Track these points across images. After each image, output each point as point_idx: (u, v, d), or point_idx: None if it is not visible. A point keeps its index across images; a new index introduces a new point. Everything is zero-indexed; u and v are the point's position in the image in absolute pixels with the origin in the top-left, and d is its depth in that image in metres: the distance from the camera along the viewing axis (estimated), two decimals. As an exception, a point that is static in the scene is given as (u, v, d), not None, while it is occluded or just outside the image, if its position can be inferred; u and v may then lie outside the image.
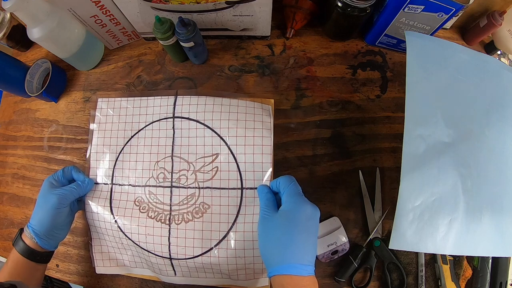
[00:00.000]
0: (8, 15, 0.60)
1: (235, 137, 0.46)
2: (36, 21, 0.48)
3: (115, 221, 0.46)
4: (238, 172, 0.45)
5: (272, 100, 0.50)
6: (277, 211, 0.38)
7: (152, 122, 0.49)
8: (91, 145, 0.51)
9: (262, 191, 0.42)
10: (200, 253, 0.44)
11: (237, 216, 0.44)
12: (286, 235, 0.35)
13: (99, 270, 0.49)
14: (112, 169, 0.49)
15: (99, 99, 0.53)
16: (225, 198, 0.44)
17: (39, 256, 0.42)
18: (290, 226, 0.36)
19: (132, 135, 0.49)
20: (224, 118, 0.46)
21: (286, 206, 0.38)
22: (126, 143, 0.49)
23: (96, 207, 0.47)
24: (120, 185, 0.48)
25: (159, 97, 0.50)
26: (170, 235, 0.45)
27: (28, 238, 0.41)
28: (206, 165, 0.46)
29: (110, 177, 0.49)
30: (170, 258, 0.45)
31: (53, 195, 0.43)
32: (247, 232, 0.43)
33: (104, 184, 0.49)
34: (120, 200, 0.47)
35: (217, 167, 0.45)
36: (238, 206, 0.44)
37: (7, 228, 0.58)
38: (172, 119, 0.48)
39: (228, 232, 0.43)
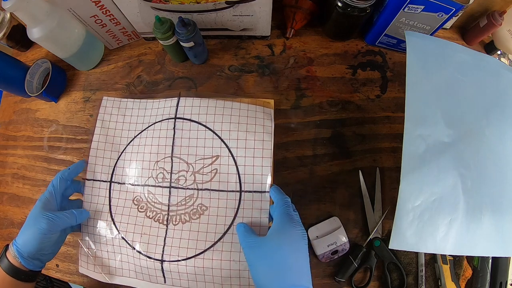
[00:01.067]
0: (8, 15, 0.60)
1: (236, 140, 0.46)
2: (36, 21, 0.48)
3: (112, 219, 0.46)
4: (237, 175, 0.45)
5: (272, 100, 0.50)
6: (261, 236, 0.39)
7: (154, 123, 0.49)
8: (92, 141, 0.51)
9: (238, 228, 0.42)
10: (194, 254, 0.43)
11: (234, 219, 0.44)
12: (278, 255, 0.35)
13: (81, 270, 0.48)
14: (112, 167, 0.49)
15: (104, 98, 0.53)
16: (223, 200, 0.44)
17: (23, 275, 0.40)
18: (280, 246, 0.36)
19: (135, 135, 0.50)
20: (226, 121, 0.47)
21: (274, 227, 0.38)
22: (129, 143, 0.50)
23: (95, 205, 0.48)
24: (119, 183, 0.48)
25: (163, 99, 0.50)
26: (166, 235, 0.44)
27: (12, 256, 0.40)
28: (206, 167, 0.46)
29: (110, 175, 0.49)
30: (162, 261, 0.44)
31: (43, 218, 0.40)
32: None
33: (103, 181, 0.49)
34: (119, 198, 0.47)
35: (216, 169, 0.45)
36: (236, 209, 0.44)
37: (7, 228, 0.58)
38: (173, 120, 0.48)
39: (224, 234, 0.43)
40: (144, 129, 0.49)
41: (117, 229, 0.46)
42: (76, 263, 0.50)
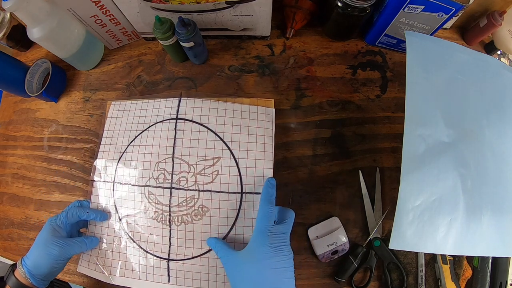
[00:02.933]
0: (8, 15, 0.60)
1: (238, 142, 0.46)
2: (36, 21, 0.48)
3: (120, 219, 0.47)
4: (239, 176, 0.45)
5: (272, 100, 0.50)
6: (236, 251, 0.39)
7: (155, 123, 0.49)
8: (100, 145, 0.52)
9: (210, 243, 0.42)
10: (199, 253, 0.44)
11: (236, 220, 0.44)
12: (249, 272, 0.36)
13: (80, 269, 0.48)
14: (115, 168, 0.49)
15: (113, 102, 0.54)
16: (224, 201, 0.45)
17: None
18: (248, 264, 0.37)
19: (136, 135, 0.50)
20: (227, 123, 0.47)
21: (249, 244, 0.39)
22: (130, 143, 0.50)
23: (102, 205, 0.48)
24: (121, 184, 0.48)
25: (165, 99, 0.51)
26: (171, 236, 0.45)
27: (22, 276, 0.41)
28: (207, 168, 0.46)
29: (113, 176, 0.49)
30: (168, 259, 0.45)
31: (55, 245, 0.42)
32: (246, 236, 0.43)
33: (108, 182, 0.49)
34: (122, 199, 0.48)
35: (217, 170, 0.45)
36: (237, 210, 0.44)
37: (7, 228, 0.58)
38: (174, 120, 0.48)
39: (227, 235, 0.44)
40: (145, 129, 0.49)
41: (124, 229, 0.47)
42: (76, 262, 0.51)
